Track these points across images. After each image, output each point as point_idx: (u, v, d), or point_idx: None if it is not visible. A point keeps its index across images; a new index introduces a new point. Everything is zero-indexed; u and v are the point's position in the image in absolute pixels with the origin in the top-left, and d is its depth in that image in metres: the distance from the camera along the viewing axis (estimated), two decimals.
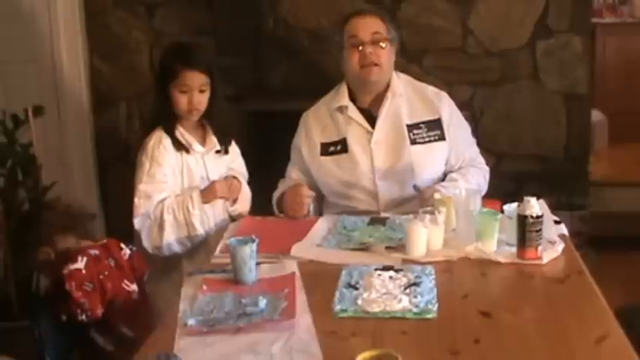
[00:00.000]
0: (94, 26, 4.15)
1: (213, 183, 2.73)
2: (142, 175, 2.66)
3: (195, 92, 2.66)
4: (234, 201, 2.81)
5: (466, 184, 2.69)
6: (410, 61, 3.78)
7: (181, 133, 2.72)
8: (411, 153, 2.76)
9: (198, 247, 2.70)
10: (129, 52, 4.13)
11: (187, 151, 2.71)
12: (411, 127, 2.78)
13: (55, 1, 4.09)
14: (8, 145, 3.32)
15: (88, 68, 4.20)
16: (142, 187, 2.64)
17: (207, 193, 2.70)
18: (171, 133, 2.70)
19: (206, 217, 2.69)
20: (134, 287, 2.40)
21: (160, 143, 2.67)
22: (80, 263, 2.27)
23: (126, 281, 2.37)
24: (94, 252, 2.34)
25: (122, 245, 2.45)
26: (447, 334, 1.76)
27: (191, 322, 1.84)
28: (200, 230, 2.67)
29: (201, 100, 2.68)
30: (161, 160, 2.65)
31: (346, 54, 2.78)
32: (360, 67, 2.74)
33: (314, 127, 2.87)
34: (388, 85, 2.81)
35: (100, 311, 2.25)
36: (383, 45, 2.74)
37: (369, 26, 2.75)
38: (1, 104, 3.59)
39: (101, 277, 2.29)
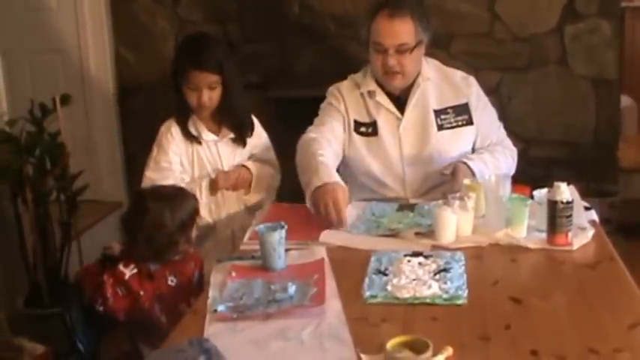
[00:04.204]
0: (119, 15, 4.16)
1: (217, 174, 2.71)
2: (149, 161, 2.72)
3: (204, 90, 2.65)
4: (247, 191, 2.78)
5: (492, 158, 2.69)
6: (437, 47, 3.72)
7: (194, 121, 2.73)
8: (438, 139, 2.74)
9: (207, 236, 2.71)
10: (154, 40, 4.14)
11: (199, 142, 2.72)
12: (438, 113, 2.76)
13: None
14: (37, 134, 3.35)
15: (114, 57, 4.22)
16: (148, 174, 2.69)
17: (212, 184, 2.69)
18: (183, 124, 2.71)
19: (214, 206, 2.71)
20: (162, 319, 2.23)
21: (167, 131, 2.71)
22: (126, 270, 2.17)
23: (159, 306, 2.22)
24: (154, 267, 2.21)
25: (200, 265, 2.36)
26: (478, 320, 1.75)
27: (221, 308, 1.84)
28: (207, 218, 2.68)
29: (212, 97, 2.67)
30: (167, 148, 2.69)
31: (370, 53, 2.72)
32: (383, 72, 2.70)
33: (349, 102, 2.81)
34: (418, 73, 2.77)
35: (120, 315, 2.17)
36: (410, 52, 2.68)
37: (396, 36, 2.64)
38: (29, 93, 3.62)
39: (141, 292, 2.17)
